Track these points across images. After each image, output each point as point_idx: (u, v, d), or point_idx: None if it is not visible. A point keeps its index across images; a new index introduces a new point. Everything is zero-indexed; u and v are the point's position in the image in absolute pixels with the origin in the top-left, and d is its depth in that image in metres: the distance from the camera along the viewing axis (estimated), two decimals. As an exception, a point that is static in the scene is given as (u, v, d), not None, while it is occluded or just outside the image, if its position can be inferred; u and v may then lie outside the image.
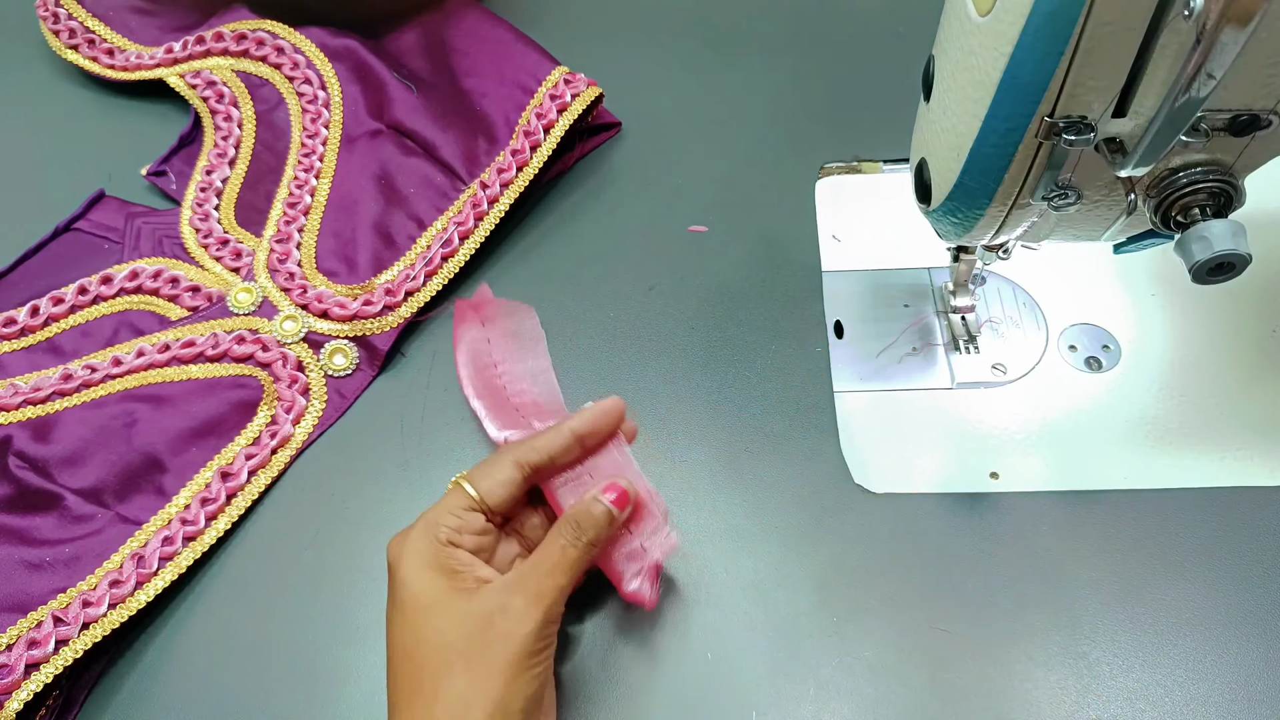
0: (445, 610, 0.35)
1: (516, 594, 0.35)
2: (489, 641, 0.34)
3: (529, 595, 0.35)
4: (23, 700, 0.40)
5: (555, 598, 0.36)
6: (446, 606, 0.35)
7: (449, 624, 0.35)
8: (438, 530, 0.37)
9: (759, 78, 0.62)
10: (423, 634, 0.35)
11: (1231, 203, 0.34)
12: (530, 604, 0.35)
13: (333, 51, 0.60)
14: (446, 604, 0.35)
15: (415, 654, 0.35)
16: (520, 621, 0.34)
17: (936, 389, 0.49)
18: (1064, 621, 0.42)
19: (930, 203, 0.39)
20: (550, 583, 0.36)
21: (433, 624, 0.35)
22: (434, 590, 0.35)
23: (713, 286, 0.53)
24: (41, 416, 0.48)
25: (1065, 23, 0.29)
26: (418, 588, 0.36)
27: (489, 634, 0.34)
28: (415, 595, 0.35)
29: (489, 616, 0.34)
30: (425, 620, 0.35)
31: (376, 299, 0.52)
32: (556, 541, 0.37)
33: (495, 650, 0.34)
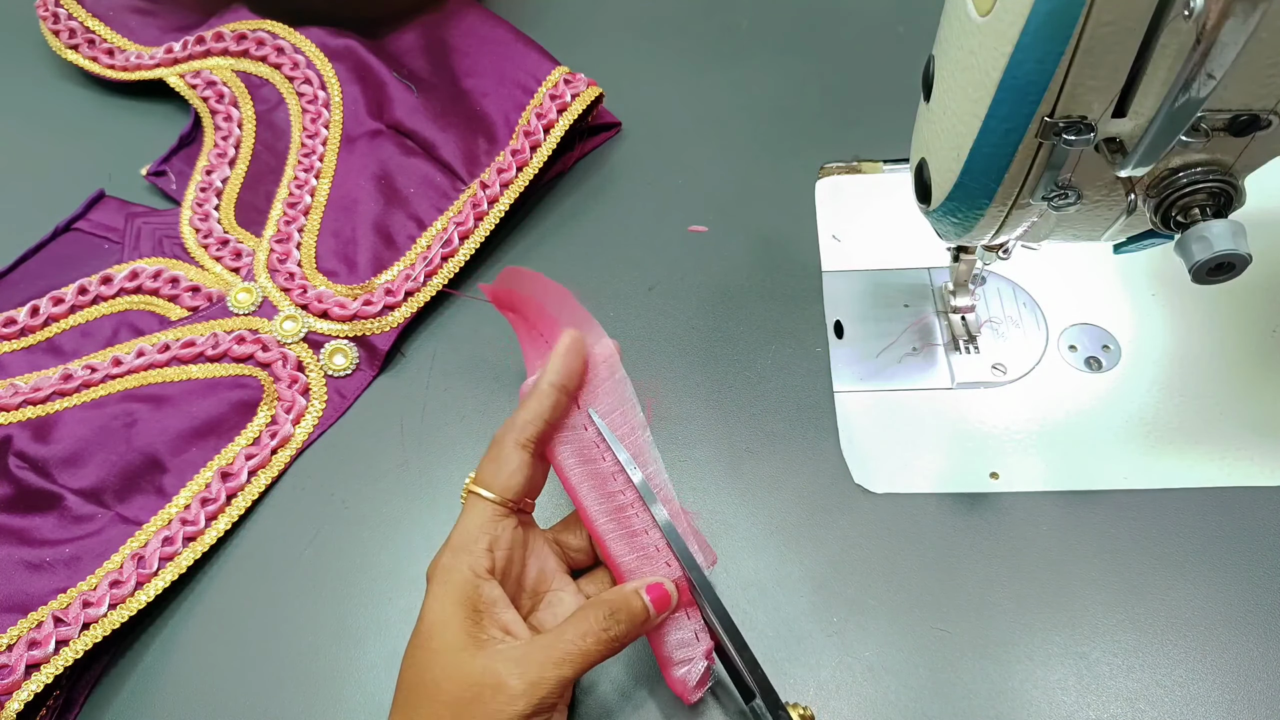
0: (451, 661, 0.34)
1: (516, 674, 0.34)
2: (473, 714, 0.33)
3: (527, 680, 0.34)
4: (23, 700, 0.40)
5: (553, 688, 0.34)
6: (454, 657, 0.34)
7: (448, 678, 0.34)
8: (473, 558, 0.36)
9: (759, 78, 0.62)
10: (424, 676, 0.35)
11: (1231, 203, 0.34)
12: (525, 690, 0.33)
13: (333, 51, 0.60)
14: (455, 654, 0.34)
15: (413, 691, 0.35)
16: (507, 704, 0.33)
17: (936, 389, 0.49)
18: (1064, 621, 0.42)
19: (930, 203, 0.39)
20: (554, 673, 0.34)
21: (434, 671, 0.34)
22: (450, 633, 0.35)
23: (713, 286, 0.53)
24: (41, 416, 0.48)
25: (1065, 23, 0.29)
26: (437, 625, 0.35)
27: (474, 707, 0.33)
28: (432, 633, 0.35)
29: (481, 688, 0.34)
30: (431, 663, 0.35)
31: (376, 299, 0.52)
32: (579, 627, 0.35)
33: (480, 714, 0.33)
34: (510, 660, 0.34)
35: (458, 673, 0.34)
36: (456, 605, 0.35)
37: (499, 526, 0.37)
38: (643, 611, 0.36)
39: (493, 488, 0.38)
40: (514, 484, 0.38)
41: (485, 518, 0.37)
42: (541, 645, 0.35)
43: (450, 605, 0.35)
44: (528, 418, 0.38)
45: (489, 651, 0.34)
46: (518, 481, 0.38)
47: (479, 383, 0.51)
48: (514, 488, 0.38)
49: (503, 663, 0.34)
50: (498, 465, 0.38)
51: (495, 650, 0.35)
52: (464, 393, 0.51)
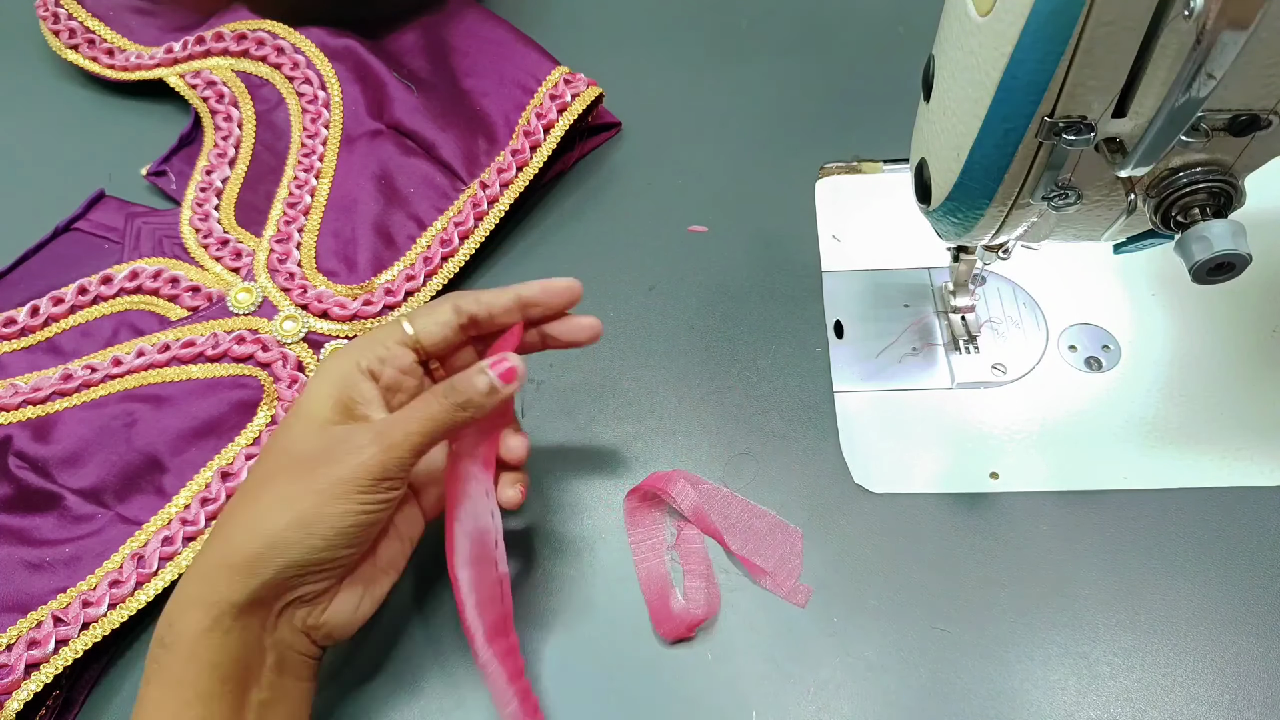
0: (313, 428, 0.36)
1: (367, 432, 0.35)
2: (320, 462, 0.34)
3: (376, 433, 0.35)
4: (23, 700, 0.40)
5: (400, 442, 0.35)
6: (316, 425, 0.36)
7: (306, 439, 0.35)
8: (361, 356, 0.37)
9: (759, 78, 0.62)
10: (285, 437, 0.36)
11: (1231, 203, 0.34)
12: (372, 440, 0.35)
13: (333, 51, 0.60)
14: (318, 424, 0.36)
15: (270, 450, 0.36)
16: (354, 452, 0.34)
17: (936, 389, 0.49)
18: (1064, 621, 0.42)
19: (930, 203, 0.39)
20: (401, 429, 0.35)
21: (296, 435, 0.36)
22: (317, 408, 0.36)
23: (713, 286, 0.53)
24: (41, 416, 0.48)
25: (1065, 23, 0.29)
26: (308, 401, 0.36)
27: (323, 456, 0.34)
28: (300, 408, 0.36)
29: (333, 444, 0.35)
30: (295, 429, 0.36)
31: (376, 299, 0.52)
32: (425, 396, 0.36)
33: (319, 471, 0.34)
34: (363, 429, 0.35)
35: (316, 436, 0.35)
36: (333, 393, 0.36)
37: (400, 353, 0.38)
38: (486, 384, 0.36)
39: (415, 323, 0.39)
40: (432, 331, 0.39)
41: (394, 339, 0.38)
42: (393, 415, 0.36)
43: (327, 388, 0.36)
44: (480, 298, 0.39)
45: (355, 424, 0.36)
46: (437, 333, 0.39)
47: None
48: (431, 334, 0.39)
49: (355, 430, 0.35)
50: (430, 310, 0.39)
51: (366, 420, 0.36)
52: (464, 393, 0.50)
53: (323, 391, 0.36)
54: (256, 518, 0.34)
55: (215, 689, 0.33)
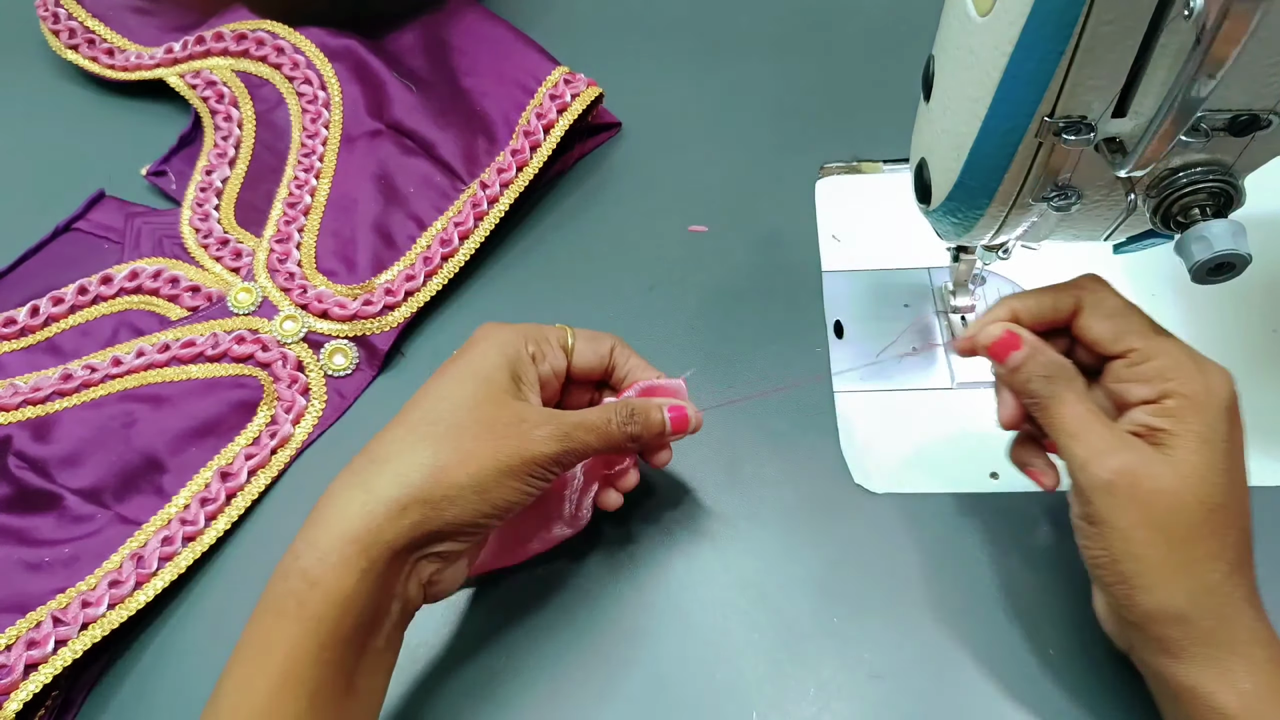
0: (492, 390, 0.36)
1: (550, 424, 0.36)
2: (508, 435, 0.35)
3: (559, 430, 0.36)
4: (22, 700, 0.40)
5: (575, 447, 0.36)
6: (494, 389, 0.36)
7: (490, 400, 0.36)
8: (531, 341, 0.39)
9: (759, 78, 0.62)
10: (461, 392, 0.36)
11: (1231, 203, 0.34)
12: (555, 437, 0.36)
13: (333, 51, 0.60)
14: (495, 388, 0.36)
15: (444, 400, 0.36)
16: (540, 442, 0.35)
17: (936, 389, 0.49)
18: (1064, 621, 0.42)
19: (930, 203, 0.39)
20: (580, 434, 0.37)
21: (474, 394, 0.36)
22: (494, 373, 0.37)
23: (713, 286, 0.53)
24: (41, 416, 0.48)
25: (1065, 22, 0.29)
26: (485, 363, 0.37)
27: (511, 430, 0.35)
28: (479, 367, 0.37)
29: (519, 422, 0.36)
30: (471, 388, 0.36)
31: (376, 299, 0.52)
32: (606, 411, 0.38)
33: (507, 444, 0.35)
34: (544, 415, 0.37)
35: (501, 402, 0.36)
36: (505, 362, 0.37)
37: (558, 354, 0.40)
38: (660, 424, 0.39)
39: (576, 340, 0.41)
40: (586, 356, 0.41)
41: (558, 341, 0.40)
42: (572, 414, 0.37)
43: (501, 358, 0.37)
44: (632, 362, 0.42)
45: (525, 403, 0.37)
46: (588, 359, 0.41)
47: (479, 383, 0.51)
48: (583, 357, 0.41)
49: (538, 413, 0.36)
50: (593, 337, 0.41)
51: (530, 404, 0.37)
52: (464, 393, 0.50)
53: (497, 361, 0.37)
54: (438, 466, 0.34)
55: (352, 634, 0.33)
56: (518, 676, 0.42)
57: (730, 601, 0.43)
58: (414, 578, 0.35)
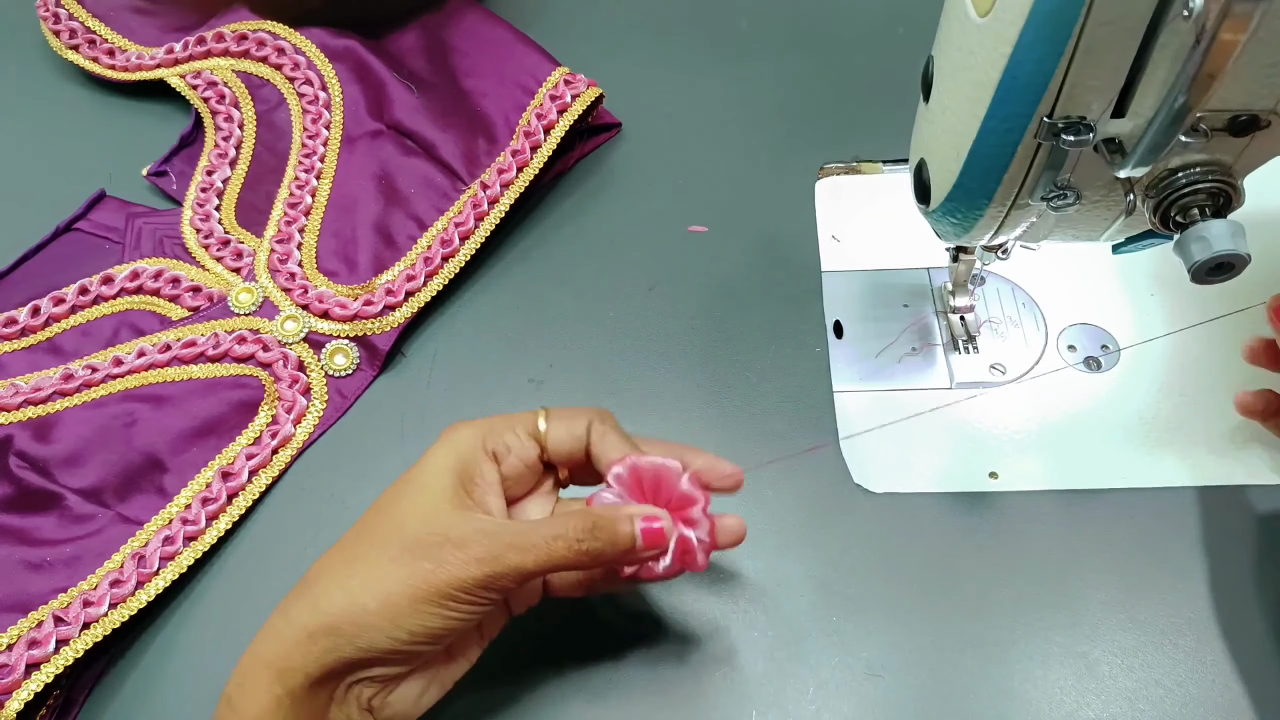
0: (428, 505, 0.34)
1: (480, 544, 0.33)
2: (424, 555, 0.32)
3: (488, 552, 0.33)
4: (23, 700, 0.40)
5: (508, 572, 0.33)
6: (432, 503, 0.34)
7: (417, 517, 0.34)
8: (489, 436, 0.36)
9: (759, 78, 0.62)
10: (396, 507, 0.35)
11: (1231, 203, 0.34)
12: (481, 562, 0.32)
13: (333, 52, 0.60)
14: (434, 501, 0.34)
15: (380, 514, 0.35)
16: (460, 567, 0.32)
17: (936, 389, 0.49)
18: (1064, 621, 0.42)
19: (930, 203, 0.39)
20: (514, 558, 0.33)
21: (407, 507, 0.34)
22: (438, 483, 0.34)
23: (713, 286, 0.53)
24: (42, 416, 0.48)
25: (1065, 23, 0.29)
26: (430, 472, 0.35)
27: (430, 549, 0.33)
28: (421, 477, 0.35)
29: (445, 539, 0.33)
30: (407, 499, 0.35)
31: (377, 299, 0.52)
32: (556, 526, 0.34)
33: (420, 567, 0.32)
34: (480, 530, 0.33)
35: (430, 517, 0.34)
36: (454, 465, 0.35)
37: (528, 444, 0.37)
38: (628, 539, 0.34)
39: (549, 422, 0.37)
40: (561, 439, 0.37)
41: (524, 426, 0.37)
42: (513, 529, 0.34)
43: (449, 461, 0.35)
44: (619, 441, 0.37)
45: (465, 514, 0.34)
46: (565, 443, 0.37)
47: (480, 383, 0.51)
48: (558, 440, 0.37)
49: (473, 528, 0.33)
50: (569, 417, 0.37)
51: (471, 515, 0.34)
52: (465, 393, 0.51)
53: (445, 464, 0.35)
54: (348, 590, 0.33)
55: None
56: (515, 674, 0.42)
57: (730, 600, 0.43)
58: (351, 702, 0.34)
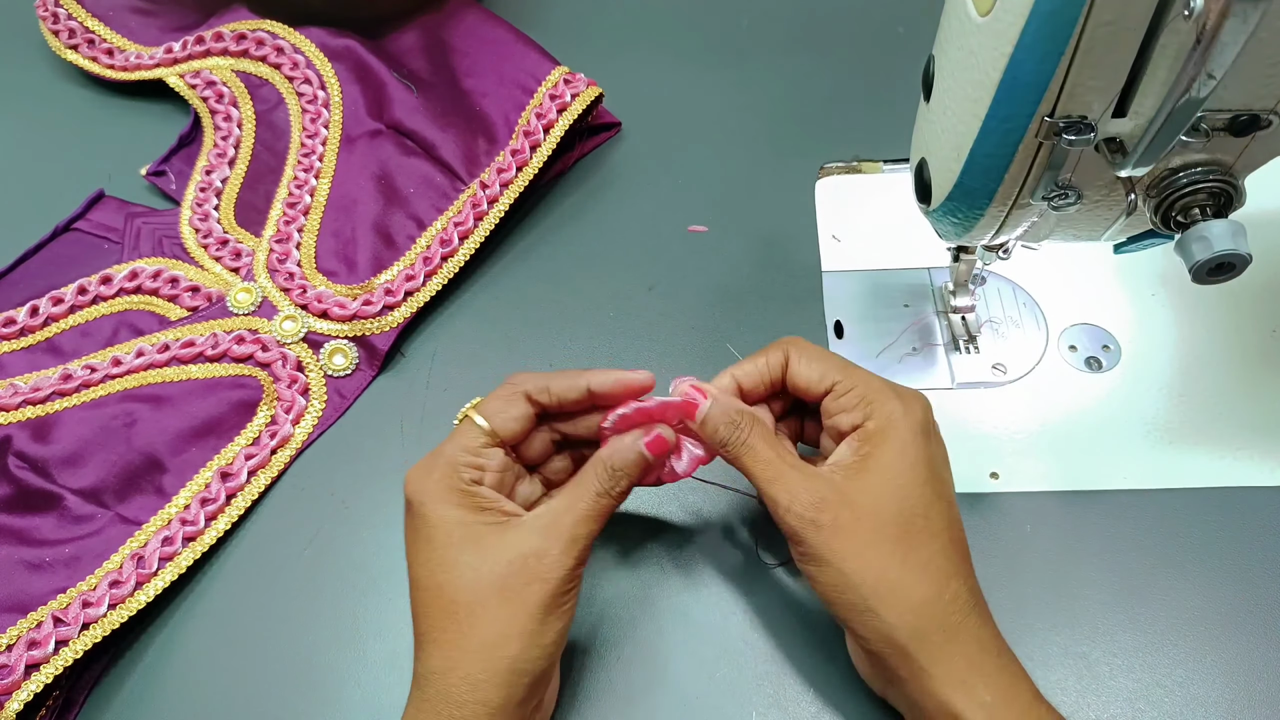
0: (478, 546, 0.35)
1: (552, 539, 0.35)
2: (526, 581, 0.34)
3: (563, 541, 0.35)
4: (23, 700, 0.40)
5: (587, 543, 0.36)
6: (479, 542, 0.35)
7: (483, 560, 0.35)
8: (460, 473, 0.37)
9: (759, 78, 0.62)
10: (455, 569, 0.35)
11: (1231, 203, 0.34)
12: (565, 550, 0.35)
13: (333, 51, 0.60)
14: (479, 539, 0.35)
15: (447, 587, 0.35)
16: (555, 567, 0.35)
17: (936, 389, 0.49)
18: (1064, 621, 0.42)
19: (930, 203, 0.39)
20: (584, 529, 0.36)
21: (465, 559, 0.35)
22: (464, 526, 0.35)
23: (713, 286, 0.53)
24: (41, 416, 0.48)
25: (1065, 23, 0.29)
26: (447, 523, 0.36)
27: (525, 574, 0.34)
28: (446, 531, 0.35)
29: (524, 558, 0.35)
30: (458, 555, 0.35)
31: (376, 299, 0.52)
32: (590, 487, 0.36)
33: (532, 590, 0.34)
34: (539, 531, 0.35)
35: (491, 551, 0.35)
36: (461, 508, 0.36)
37: (491, 455, 0.38)
38: (640, 459, 0.37)
39: (491, 420, 0.38)
40: (510, 426, 0.38)
41: (479, 444, 0.38)
42: (563, 509, 0.36)
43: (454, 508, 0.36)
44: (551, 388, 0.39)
45: (512, 528, 0.36)
46: (515, 427, 0.38)
47: (479, 382, 0.51)
48: (509, 428, 0.38)
49: (534, 535, 0.35)
50: (503, 404, 0.38)
51: (519, 524, 0.36)
52: (464, 393, 0.50)
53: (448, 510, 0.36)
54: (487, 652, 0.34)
55: None
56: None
57: (731, 600, 0.43)
58: None
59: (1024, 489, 0.45)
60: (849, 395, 0.37)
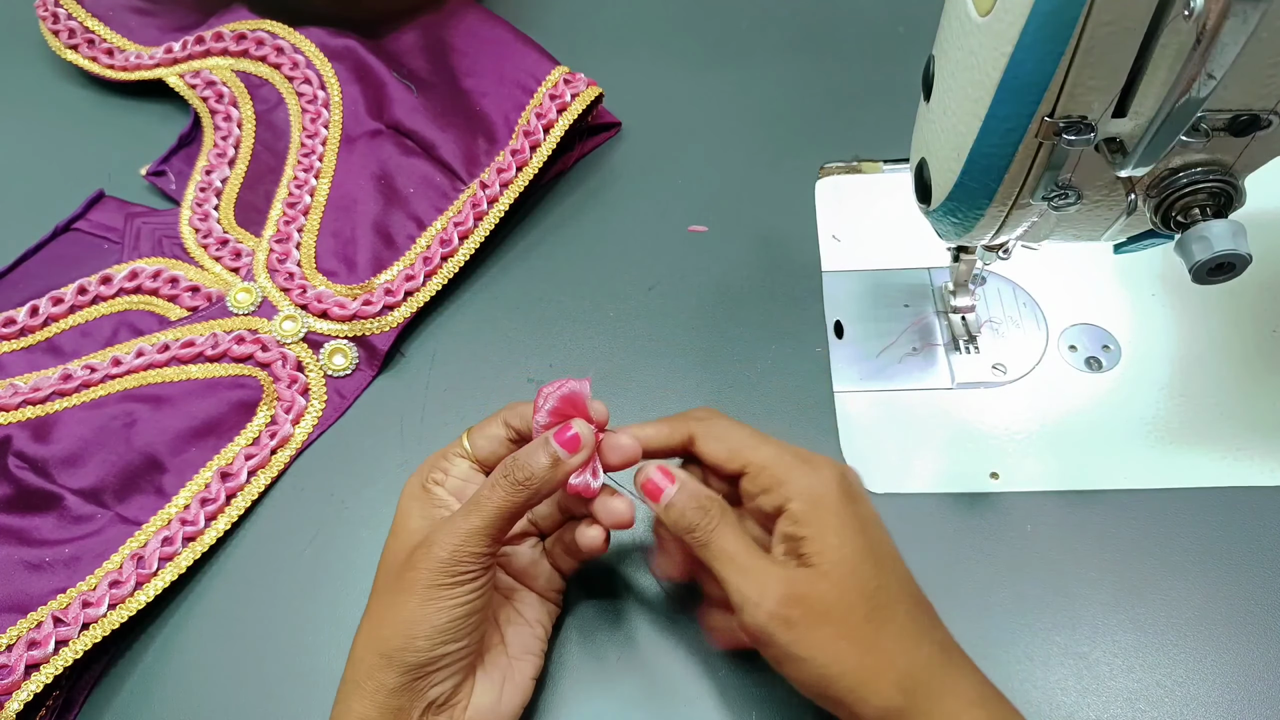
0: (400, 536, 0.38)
1: (438, 529, 0.36)
2: (408, 566, 0.36)
3: (446, 532, 0.36)
4: (23, 701, 0.40)
5: (466, 536, 0.35)
6: (405, 533, 0.38)
7: (396, 547, 0.37)
8: (427, 473, 0.39)
9: (759, 78, 0.62)
10: (384, 561, 0.38)
11: (1231, 203, 0.34)
12: (445, 537, 0.35)
13: (332, 51, 0.60)
14: (407, 531, 0.38)
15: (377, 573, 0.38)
16: (429, 552, 0.35)
17: (936, 389, 0.49)
18: (1064, 621, 0.42)
19: (930, 203, 0.39)
20: (465, 522, 0.35)
21: (391, 545, 0.38)
22: (406, 517, 0.38)
23: (713, 286, 0.53)
24: (41, 417, 0.48)
25: (1065, 23, 0.29)
26: (403, 514, 0.39)
27: (410, 560, 0.36)
28: (399, 521, 0.38)
29: (416, 546, 0.36)
30: (390, 542, 0.38)
31: (376, 299, 0.52)
32: (489, 481, 0.36)
33: (408, 576, 0.35)
34: (433, 521, 0.38)
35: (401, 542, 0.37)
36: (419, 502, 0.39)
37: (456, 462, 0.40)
38: (549, 457, 0.36)
39: (472, 440, 0.40)
40: (484, 447, 0.40)
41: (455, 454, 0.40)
42: (456, 511, 0.37)
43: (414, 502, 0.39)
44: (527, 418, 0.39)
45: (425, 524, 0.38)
46: (488, 448, 0.40)
47: (479, 383, 0.51)
48: (483, 449, 0.40)
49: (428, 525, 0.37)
50: (485, 426, 0.40)
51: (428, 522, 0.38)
52: (464, 393, 0.50)
53: (409, 503, 0.39)
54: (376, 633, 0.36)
55: None
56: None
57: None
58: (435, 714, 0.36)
59: (1024, 489, 0.45)
60: (763, 476, 0.36)
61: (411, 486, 0.39)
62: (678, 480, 0.37)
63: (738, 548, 0.35)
